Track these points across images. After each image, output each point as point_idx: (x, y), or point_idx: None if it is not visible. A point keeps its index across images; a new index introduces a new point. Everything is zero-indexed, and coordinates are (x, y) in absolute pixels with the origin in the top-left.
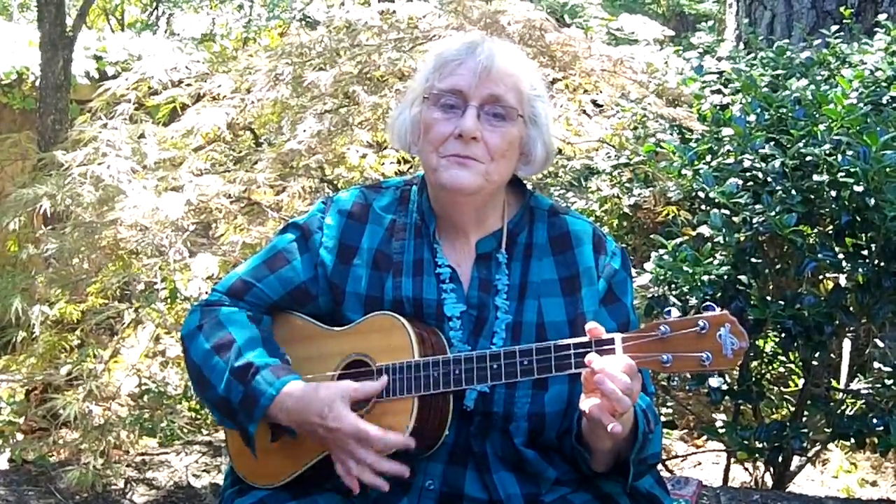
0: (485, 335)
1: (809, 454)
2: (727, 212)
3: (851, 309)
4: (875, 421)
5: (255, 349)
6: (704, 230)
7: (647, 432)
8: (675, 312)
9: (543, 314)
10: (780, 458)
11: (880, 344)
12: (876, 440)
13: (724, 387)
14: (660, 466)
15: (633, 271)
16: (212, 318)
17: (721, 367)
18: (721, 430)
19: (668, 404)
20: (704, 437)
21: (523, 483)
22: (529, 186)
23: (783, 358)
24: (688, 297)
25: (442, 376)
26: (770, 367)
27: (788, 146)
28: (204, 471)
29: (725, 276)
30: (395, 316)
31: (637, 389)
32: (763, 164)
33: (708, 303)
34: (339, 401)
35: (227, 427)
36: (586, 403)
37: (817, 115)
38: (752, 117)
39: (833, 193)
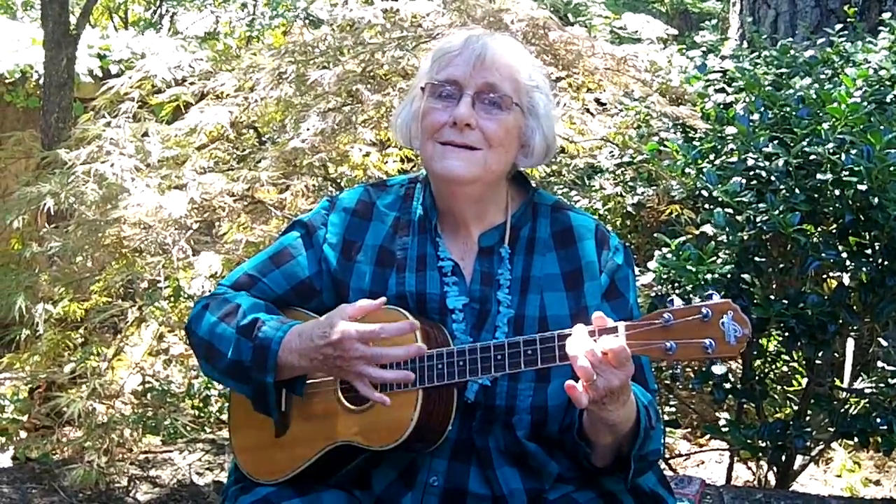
0: (487, 328)
1: (813, 453)
2: (730, 210)
3: (855, 308)
4: (878, 420)
5: (260, 311)
6: (708, 229)
7: (649, 428)
8: (677, 301)
9: (546, 308)
10: (783, 457)
11: (884, 343)
12: (879, 439)
13: (728, 385)
14: (663, 465)
15: (637, 270)
16: (217, 298)
17: (724, 355)
18: (724, 429)
19: (672, 403)
20: (708, 436)
21: (526, 478)
22: (532, 184)
23: (786, 357)
24: (691, 295)
25: (446, 367)
26: (773, 366)
27: (792, 145)
28: (207, 468)
29: (729, 275)
30: (399, 310)
31: (626, 375)
32: (766, 163)
33: (710, 291)
34: (337, 317)
35: (244, 393)
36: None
37: (821, 114)
38: (756, 116)
39: (837, 192)
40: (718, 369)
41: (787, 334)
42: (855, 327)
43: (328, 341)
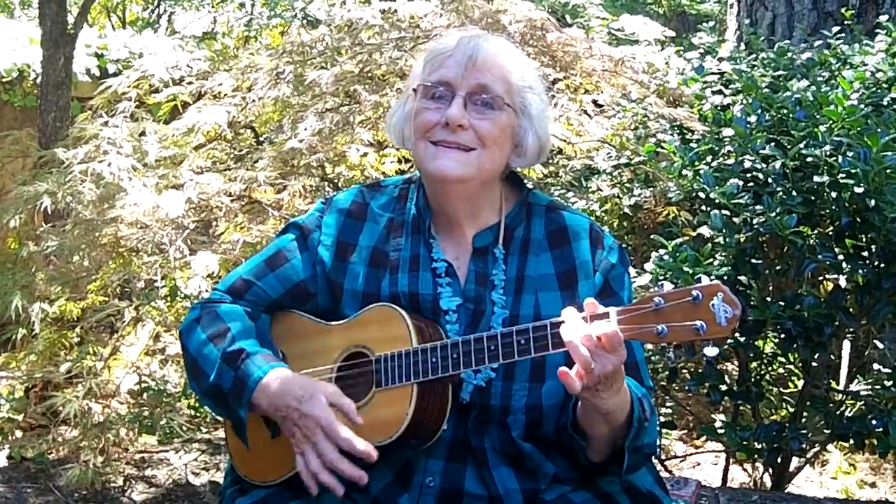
0: (481, 329)
1: (808, 455)
2: (727, 212)
3: (851, 310)
4: (874, 422)
5: (248, 338)
6: (705, 231)
7: (643, 419)
8: (667, 285)
9: (540, 308)
10: (779, 459)
11: (880, 345)
12: (875, 441)
13: (724, 386)
14: (659, 467)
15: (633, 272)
16: (210, 312)
17: (716, 336)
18: (720, 431)
19: (668, 405)
20: (704, 438)
21: (522, 478)
22: (529, 185)
23: (783, 359)
24: None
25: (440, 360)
26: (770, 368)
27: (789, 147)
28: (203, 469)
29: (725, 277)
30: (393, 307)
31: (619, 359)
32: (763, 165)
33: (699, 275)
34: (319, 392)
35: (221, 416)
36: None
37: (818, 117)
38: (753, 118)
39: (833, 195)
40: (710, 351)
41: (783, 336)
42: (851, 329)
43: (298, 409)
